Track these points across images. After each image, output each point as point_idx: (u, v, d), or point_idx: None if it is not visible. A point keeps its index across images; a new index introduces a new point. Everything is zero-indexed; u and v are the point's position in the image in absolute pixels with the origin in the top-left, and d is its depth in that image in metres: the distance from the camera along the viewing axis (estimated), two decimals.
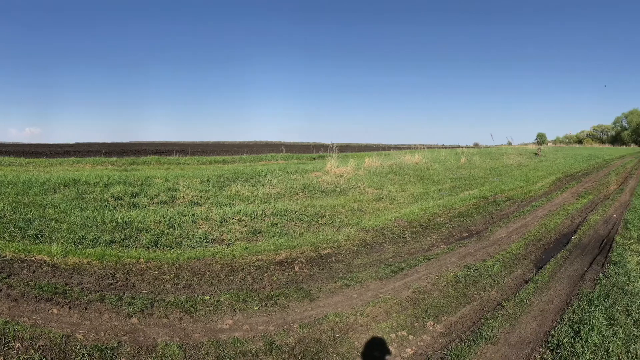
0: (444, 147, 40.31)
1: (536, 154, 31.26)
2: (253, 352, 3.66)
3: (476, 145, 47.94)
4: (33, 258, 5.00)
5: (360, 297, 4.93)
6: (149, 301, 4.28)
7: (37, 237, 5.69)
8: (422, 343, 4.06)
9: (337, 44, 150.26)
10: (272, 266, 5.61)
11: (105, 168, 15.50)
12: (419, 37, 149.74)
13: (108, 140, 58.18)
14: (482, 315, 4.62)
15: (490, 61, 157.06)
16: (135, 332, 3.72)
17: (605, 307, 4.61)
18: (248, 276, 5.19)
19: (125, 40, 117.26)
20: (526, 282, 5.66)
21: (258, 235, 6.82)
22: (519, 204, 11.34)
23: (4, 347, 3.24)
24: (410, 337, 4.14)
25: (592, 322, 4.23)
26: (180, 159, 19.71)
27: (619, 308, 4.60)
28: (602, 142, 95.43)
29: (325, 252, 6.35)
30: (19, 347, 3.26)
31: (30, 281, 4.42)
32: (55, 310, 3.89)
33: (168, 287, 4.73)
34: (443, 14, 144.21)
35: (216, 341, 3.75)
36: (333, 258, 6.19)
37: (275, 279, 5.21)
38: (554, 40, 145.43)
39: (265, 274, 5.32)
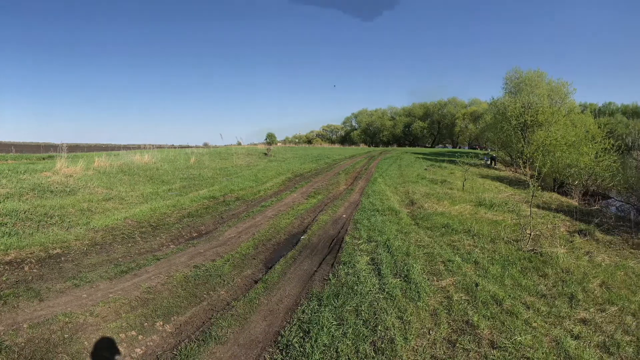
0: (173, 147, 39.90)
1: (266, 154, 31.85)
2: None
3: (206, 145, 47.39)
4: None
5: (90, 297, 4.91)
6: None
7: None
8: (151, 343, 4.09)
9: (66, 42, 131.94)
10: (2, 266, 5.66)
11: None
12: (144, 38, 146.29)
13: None
14: (212, 316, 4.65)
15: (216, 61, 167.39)
16: None
17: (335, 307, 4.64)
18: None
19: None
20: (256, 282, 5.71)
21: None
22: (249, 204, 11.47)
23: None
24: (140, 337, 4.17)
25: (322, 322, 4.25)
26: None
27: (349, 308, 4.64)
28: (332, 142, 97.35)
29: (55, 252, 6.47)
30: None
31: None
32: None
33: None
34: (171, 14, 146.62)
35: None
36: (63, 258, 6.27)
37: (4, 279, 5.31)
38: (280, 40, 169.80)
39: None
